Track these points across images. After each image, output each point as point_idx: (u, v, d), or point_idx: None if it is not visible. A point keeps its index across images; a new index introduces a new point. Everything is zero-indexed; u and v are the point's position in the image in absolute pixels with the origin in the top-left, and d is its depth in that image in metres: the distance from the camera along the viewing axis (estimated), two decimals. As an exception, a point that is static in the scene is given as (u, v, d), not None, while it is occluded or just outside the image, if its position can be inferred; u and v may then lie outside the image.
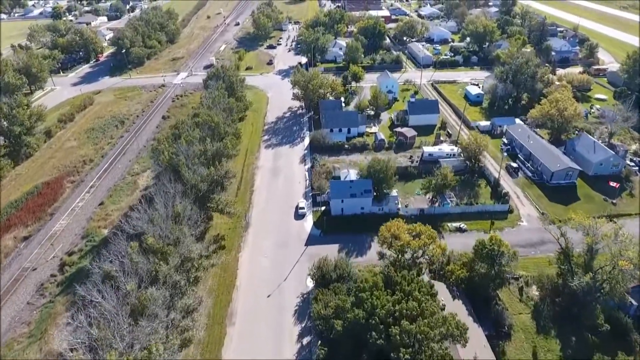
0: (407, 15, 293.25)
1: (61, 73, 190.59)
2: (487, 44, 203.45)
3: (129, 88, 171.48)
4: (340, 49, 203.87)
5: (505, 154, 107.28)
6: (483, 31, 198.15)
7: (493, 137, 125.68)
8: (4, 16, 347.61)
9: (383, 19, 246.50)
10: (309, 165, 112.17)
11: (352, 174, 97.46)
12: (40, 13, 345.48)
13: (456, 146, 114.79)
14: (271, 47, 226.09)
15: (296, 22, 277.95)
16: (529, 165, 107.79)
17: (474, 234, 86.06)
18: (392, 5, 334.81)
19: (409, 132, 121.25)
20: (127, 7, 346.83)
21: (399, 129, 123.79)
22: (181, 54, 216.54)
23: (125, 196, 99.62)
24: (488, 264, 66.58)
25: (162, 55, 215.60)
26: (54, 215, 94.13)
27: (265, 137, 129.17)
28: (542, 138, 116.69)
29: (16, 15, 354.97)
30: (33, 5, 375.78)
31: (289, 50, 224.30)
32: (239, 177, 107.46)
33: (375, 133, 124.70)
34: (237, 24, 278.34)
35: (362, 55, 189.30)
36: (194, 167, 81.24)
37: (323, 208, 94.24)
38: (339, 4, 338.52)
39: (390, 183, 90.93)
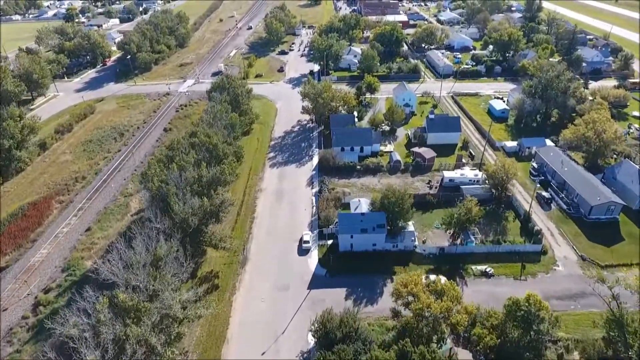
0: (426, 20, 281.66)
1: (65, 78, 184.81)
2: (511, 52, 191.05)
3: (133, 96, 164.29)
4: (355, 56, 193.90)
5: (538, 184, 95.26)
6: (508, 39, 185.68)
7: (520, 159, 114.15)
8: (18, 17, 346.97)
9: (400, 24, 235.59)
10: (316, 189, 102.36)
11: (364, 204, 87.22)
12: (55, 14, 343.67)
13: (480, 171, 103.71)
14: (283, 52, 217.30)
15: (310, 27, 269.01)
16: (562, 195, 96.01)
17: (502, 280, 75.08)
18: (409, 9, 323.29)
19: (427, 152, 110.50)
20: (140, 9, 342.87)
21: (416, 149, 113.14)
22: (190, 59, 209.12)
23: (115, 221, 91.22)
24: (523, 328, 55.83)
25: (171, 61, 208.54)
26: (36, 242, 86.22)
27: (271, 154, 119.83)
28: (577, 163, 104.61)
29: (30, 16, 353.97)
30: (47, 7, 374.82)
31: (302, 56, 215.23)
32: (240, 200, 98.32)
33: (390, 153, 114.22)
34: (250, 28, 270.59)
35: (378, 64, 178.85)
36: (186, 196, 72.24)
37: (330, 242, 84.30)
38: (355, 8, 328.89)
39: (407, 217, 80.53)
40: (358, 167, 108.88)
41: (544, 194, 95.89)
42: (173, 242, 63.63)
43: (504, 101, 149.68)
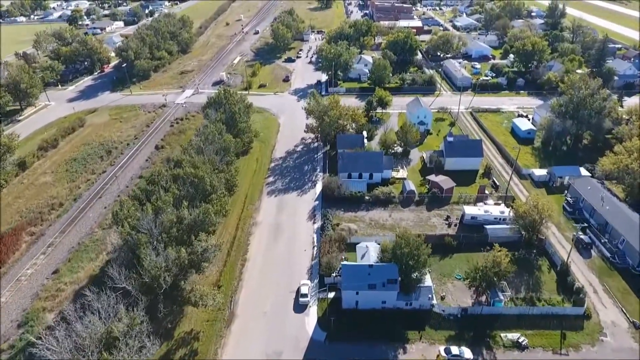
0: (441, 26, 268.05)
1: (59, 86, 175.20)
2: (534, 63, 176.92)
3: (127, 107, 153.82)
4: (366, 65, 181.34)
5: (580, 231, 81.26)
6: (532, 49, 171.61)
7: (551, 190, 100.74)
8: (23, 18, 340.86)
9: (414, 30, 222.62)
10: (319, 223, 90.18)
11: (372, 251, 74.71)
12: (60, 16, 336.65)
13: (507, 207, 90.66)
14: (290, 60, 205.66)
15: (319, 32, 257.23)
16: (605, 240, 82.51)
17: (539, 354, 62.12)
18: (424, 14, 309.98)
19: (445, 182, 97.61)
20: (146, 11, 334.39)
21: (432, 177, 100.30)
22: (191, 66, 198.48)
23: (88, 261, 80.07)
24: None
25: (172, 67, 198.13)
26: (-5, 285, 75.56)
27: (270, 179, 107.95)
28: (620, 199, 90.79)
29: (35, 18, 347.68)
30: (53, 8, 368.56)
31: (310, 63, 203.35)
32: (232, 236, 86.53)
33: (403, 181, 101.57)
34: (257, 33, 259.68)
35: (390, 75, 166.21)
36: (161, 245, 60.77)
37: (332, 294, 72.10)
38: (367, 12, 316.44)
39: (423, 271, 68.00)
40: (366, 197, 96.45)
41: (582, 237, 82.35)
42: (137, 312, 52.14)
43: (528, 119, 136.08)
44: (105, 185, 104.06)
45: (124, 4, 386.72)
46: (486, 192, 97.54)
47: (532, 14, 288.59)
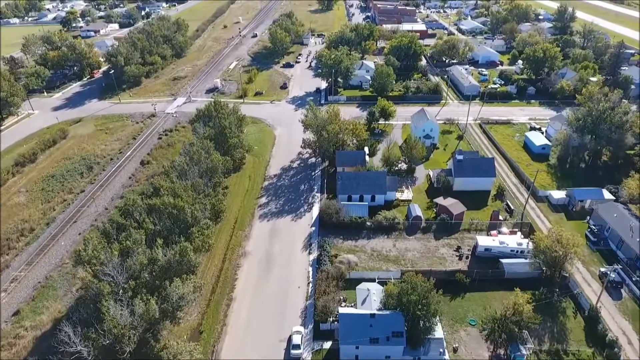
0: (445, 29, 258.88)
1: (45, 93, 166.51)
2: (545, 70, 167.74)
3: (115, 116, 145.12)
4: (368, 71, 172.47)
5: (612, 273, 71.95)
6: (543, 56, 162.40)
7: (571, 215, 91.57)
8: (16, 20, 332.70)
9: (418, 34, 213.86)
10: (315, 254, 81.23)
11: (374, 294, 65.46)
12: (54, 18, 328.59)
13: (523, 235, 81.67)
14: (288, 65, 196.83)
15: (319, 35, 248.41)
16: (637, 278, 73.28)
17: None
18: (427, 17, 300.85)
19: (455, 207, 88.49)
20: (142, 13, 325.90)
21: (440, 200, 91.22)
22: (185, 72, 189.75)
23: (54, 300, 71.20)
24: None
25: (164, 73, 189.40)
26: (-53, 330, 66.77)
27: (263, 200, 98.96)
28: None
29: (29, 20, 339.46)
30: (48, 10, 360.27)
31: (309, 68, 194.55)
32: (218, 269, 77.62)
33: (408, 205, 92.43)
34: (255, 36, 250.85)
35: (393, 82, 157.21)
36: (127, 294, 52.04)
37: (329, 344, 63.09)
38: (369, 15, 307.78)
39: (434, 321, 58.95)
40: (368, 223, 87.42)
41: (611, 274, 73.12)
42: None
43: (542, 132, 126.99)
44: (82, 207, 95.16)
45: (121, 5, 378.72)
46: (500, 217, 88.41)
47: (540, 17, 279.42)
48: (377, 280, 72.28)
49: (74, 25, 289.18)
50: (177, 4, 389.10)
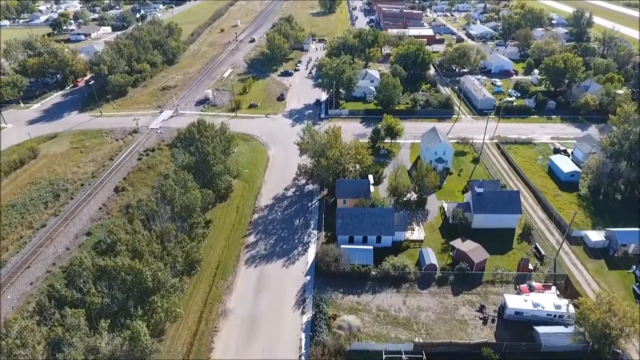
0: (454, 34, 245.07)
1: (21, 104, 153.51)
2: (566, 82, 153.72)
3: (94, 132, 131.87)
4: (372, 81, 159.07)
5: None
6: (564, 66, 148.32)
7: (612, 263, 77.61)
8: (6, 22, 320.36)
9: (425, 40, 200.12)
10: (309, 314, 67.63)
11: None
12: (46, 20, 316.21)
13: (561, 294, 67.92)
14: (286, 73, 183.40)
15: (320, 40, 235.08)
16: None
17: None
18: (434, 20, 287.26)
19: (475, 253, 74.73)
20: (137, 15, 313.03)
21: (458, 244, 77.48)
22: (175, 80, 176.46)
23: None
24: None
25: (153, 82, 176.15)
26: None
27: (251, 239, 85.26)
28: None
29: (20, 22, 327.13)
30: (40, 11, 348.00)
31: (309, 76, 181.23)
32: (193, 331, 64.12)
33: (420, 249, 78.67)
34: (252, 41, 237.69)
35: (400, 94, 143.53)
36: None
37: None
38: (373, 18, 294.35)
39: None
40: (373, 272, 73.79)
41: (674, 348, 59.28)
42: None
43: (567, 155, 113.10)
44: (40, 248, 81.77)
45: (117, 7, 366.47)
46: (530, 266, 74.59)
47: (553, 21, 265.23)
48: (384, 358, 58.64)
49: (64, 28, 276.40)
50: (175, 5, 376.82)
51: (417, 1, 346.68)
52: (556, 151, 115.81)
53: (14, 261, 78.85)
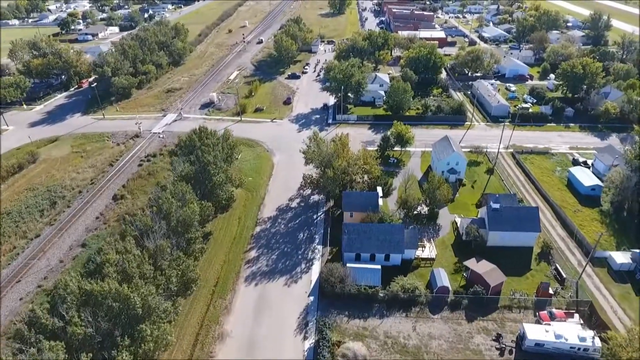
0: (466, 37, 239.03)
1: (24, 106, 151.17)
2: (584, 88, 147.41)
3: (95, 135, 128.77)
4: (382, 85, 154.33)
5: None
6: (583, 72, 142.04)
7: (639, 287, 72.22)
8: (15, 22, 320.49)
9: (437, 43, 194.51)
10: (312, 339, 63.15)
11: None
12: (55, 19, 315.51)
13: (584, 322, 62.63)
14: (294, 76, 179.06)
15: (329, 42, 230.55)
16: None
17: None
18: (445, 22, 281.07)
19: (491, 275, 69.68)
20: (145, 15, 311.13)
21: (472, 264, 72.45)
22: (180, 82, 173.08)
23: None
24: None
25: (158, 84, 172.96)
26: None
27: (252, 254, 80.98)
28: None
29: (30, 21, 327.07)
30: (49, 10, 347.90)
31: (317, 79, 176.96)
32: (187, 356, 60.10)
33: (432, 270, 73.72)
34: (260, 42, 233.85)
35: (411, 99, 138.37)
36: None
37: None
38: (383, 19, 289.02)
39: None
40: (381, 294, 69.09)
41: None
42: None
43: (587, 167, 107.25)
44: (32, 260, 78.35)
45: (125, 6, 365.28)
46: (550, 290, 69.32)
47: (568, 24, 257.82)
48: (392, 393, 54.06)
49: (72, 27, 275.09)
50: (183, 5, 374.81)
51: (428, 2, 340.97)
52: (575, 162, 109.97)
53: (4, 274, 75.46)
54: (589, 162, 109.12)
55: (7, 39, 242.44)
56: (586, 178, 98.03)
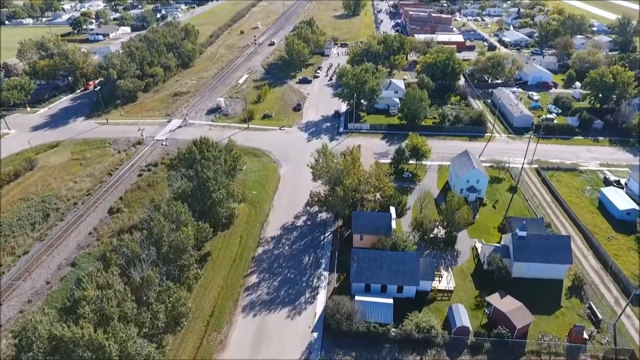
0: (485, 41, 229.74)
1: (28, 108, 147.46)
2: (614, 98, 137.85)
3: (97, 141, 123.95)
4: (396, 92, 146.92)
5: None
6: (613, 81, 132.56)
7: (687, 331, 63.74)
8: (29, 20, 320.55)
9: (455, 47, 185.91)
10: (314, 385, 56.48)
11: None
12: (69, 19, 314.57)
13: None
14: (305, 81, 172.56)
15: (343, 45, 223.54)
16: None
17: None
18: (464, 25, 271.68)
19: (517, 314, 62.00)
20: (158, 15, 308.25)
21: (496, 301, 64.80)
22: (188, 86, 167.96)
23: None
24: None
25: (166, 87, 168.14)
26: None
27: (253, 279, 74.44)
28: None
29: (44, 20, 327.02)
30: (63, 10, 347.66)
31: (329, 84, 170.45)
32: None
33: (450, 306, 66.19)
34: (272, 44, 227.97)
35: (427, 108, 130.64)
36: None
37: None
38: (399, 22, 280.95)
39: None
40: (393, 332, 61.96)
41: None
42: None
43: (621, 186, 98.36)
44: (16, 281, 73.11)
45: (139, 6, 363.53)
46: (584, 335, 61.36)
47: (593, 27, 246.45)
48: None
49: (84, 27, 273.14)
50: (197, 6, 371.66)
51: (445, 5, 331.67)
52: (607, 181, 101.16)
53: (-14, 296, 70.47)
54: (622, 181, 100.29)
55: (19, 38, 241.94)
56: (620, 200, 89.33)
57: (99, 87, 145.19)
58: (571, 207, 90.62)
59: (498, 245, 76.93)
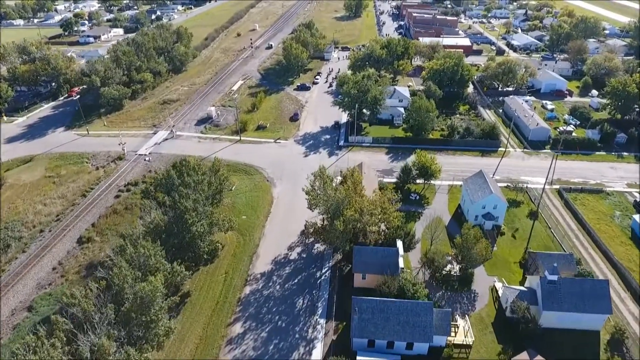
0: (493, 44, 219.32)
1: (4, 118, 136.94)
2: (636, 109, 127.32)
3: (75, 155, 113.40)
4: (401, 101, 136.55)
5: None
6: (637, 91, 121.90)
7: None
8: (20, 22, 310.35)
9: (462, 51, 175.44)
10: None
11: None
12: (60, 20, 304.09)
13: None
14: (303, 87, 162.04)
15: (344, 48, 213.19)
16: None
17: None
18: (469, 27, 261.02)
19: (553, 383, 51.48)
20: (152, 17, 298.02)
21: (524, 362, 54.30)
22: (178, 93, 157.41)
23: None
24: None
25: (155, 93, 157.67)
26: None
27: (237, 328, 63.80)
28: None
29: (35, 21, 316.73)
30: (55, 10, 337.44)
31: (329, 87, 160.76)
32: None
33: (469, 368, 55.81)
34: (270, 47, 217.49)
35: (435, 119, 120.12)
36: None
37: None
38: (402, 24, 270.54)
39: None
40: (401, 404, 51.48)
41: None
42: None
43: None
44: (-39, 331, 62.72)
45: (134, 7, 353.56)
46: (634, 409, 50.84)
47: (606, 31, 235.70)
48: None
49: (75, 29, 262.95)
50: (194, 7, 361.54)
51: (450, 6, 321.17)
52: (637, 206, 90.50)
53: None
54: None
55: (8, 40, 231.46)
56: (658, 231, 78.85)
57: (78, 96, 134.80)
58: (601, 238, 79.94)
59: (523, 289, 66.09)
